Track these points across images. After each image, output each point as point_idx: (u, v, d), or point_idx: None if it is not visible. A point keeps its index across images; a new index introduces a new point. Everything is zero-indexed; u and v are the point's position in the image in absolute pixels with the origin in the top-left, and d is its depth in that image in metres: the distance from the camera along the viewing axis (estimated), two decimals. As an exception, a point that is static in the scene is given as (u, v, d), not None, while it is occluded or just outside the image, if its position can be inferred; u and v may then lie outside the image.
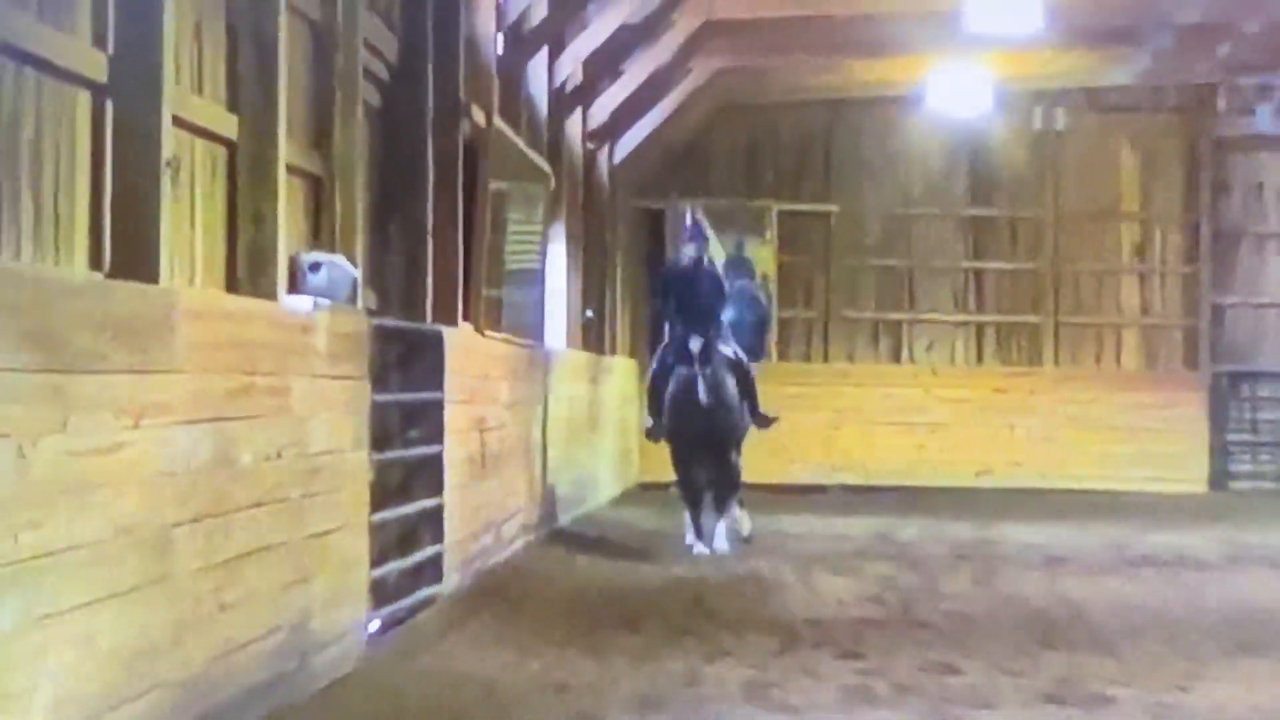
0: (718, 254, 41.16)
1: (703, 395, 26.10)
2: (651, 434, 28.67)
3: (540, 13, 29.32)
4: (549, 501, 27.11)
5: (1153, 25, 37.21)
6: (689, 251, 28.69)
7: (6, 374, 8.75)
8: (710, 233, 41.78)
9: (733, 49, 37.23)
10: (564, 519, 27.71)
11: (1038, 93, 42.16)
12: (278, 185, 17.26)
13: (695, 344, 26.26)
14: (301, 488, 13.95)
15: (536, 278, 31.08)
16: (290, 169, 17.89)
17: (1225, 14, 36.19)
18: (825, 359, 43.11)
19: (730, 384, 27.02)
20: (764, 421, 28.23)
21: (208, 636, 11.62)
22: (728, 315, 28.59)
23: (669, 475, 33.30)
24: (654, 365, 28.66)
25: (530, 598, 20.31)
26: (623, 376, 36.62)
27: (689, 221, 28.59)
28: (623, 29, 32.52)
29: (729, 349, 27.79)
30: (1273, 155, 43.09)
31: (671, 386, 27.04)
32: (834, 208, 43.05)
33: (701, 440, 27.03)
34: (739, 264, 40.55)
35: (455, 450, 19.81)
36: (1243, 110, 43.14)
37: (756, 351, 37.20)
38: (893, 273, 43.29)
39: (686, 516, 27.44)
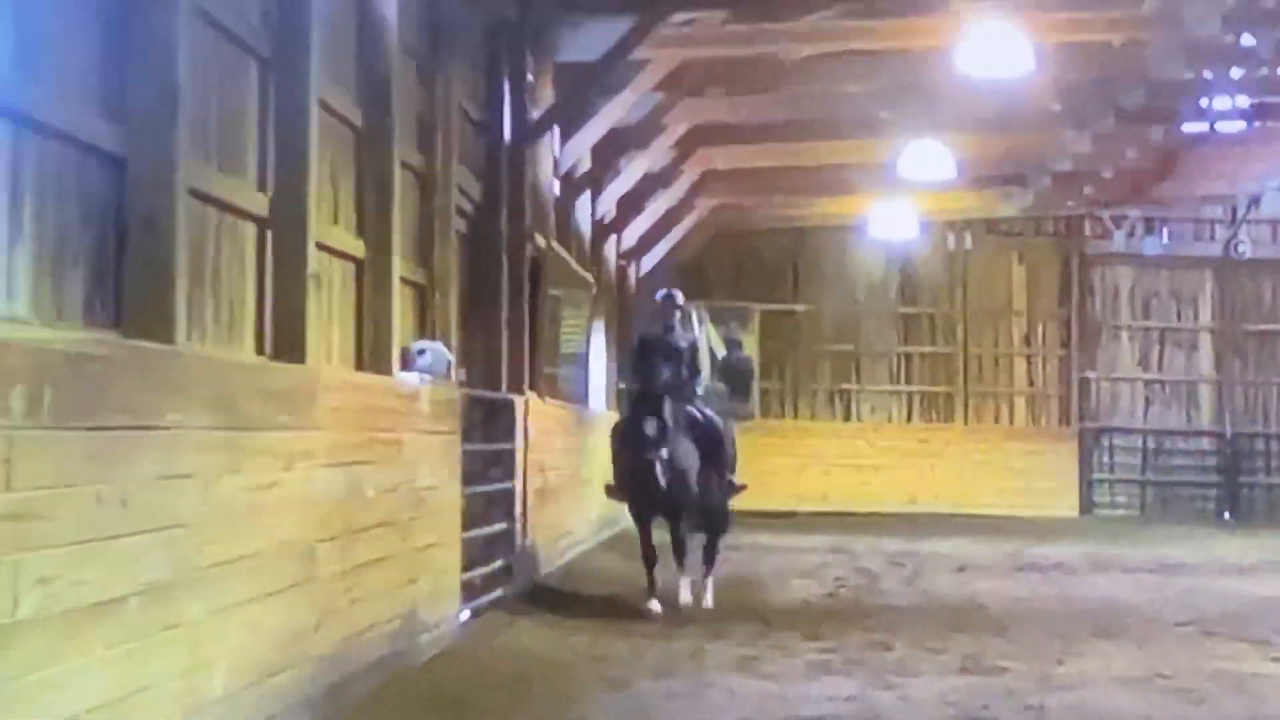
0: (716, 341, 41.31)
1: (660, 479, 19.28)
2: (611, 493, 21.45)
3: (585, 165, 29.35)
4: (592, 522, 27.04)
5: (1035, 172, 37.34)
6: (665, 321, 20.93)
7: (197, 430, 8.81)
8: (708, 323, 42.14)
9: (727, 191, 37.32)
10: (603, 535, 27.60)
11: (950, 222, 42.24)
12: (393, 292, 17.31)
13: (650, 427, 19.21)
14: (410, 513, 13.99)
15: (582, 358, 31.16)
16: (402, 280, 17.95)
17: (1088, 164, 36.29)
18: (795, 418, 43.28)
19: (693, 458, 19.76)
20: (731, 490, 21.02)
21: (341, 623, 11.65)
22: (722, 380, 26.73)
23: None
24: (621, 424, 21.23)
25: (578, 594, 20.35)
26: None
27: (661, 294, 21.56)
28: (646, 177, 32.61)
29: (701, 413, 20.35)
30: (1124, 268, 43.20)
31: (629, 463, 20.00)
32: (801, 307, 43.20)
33: (662, 511, 20.10)
34: (735, 344, 40.58)
35: (524, 486, 19.89)
36: (1102, 234, 43.21)
37: (744, 406, 37.67)
38: (844, 355, 43.45)
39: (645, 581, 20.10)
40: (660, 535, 20.10)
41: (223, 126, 13.29)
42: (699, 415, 20.28)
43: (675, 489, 19.65)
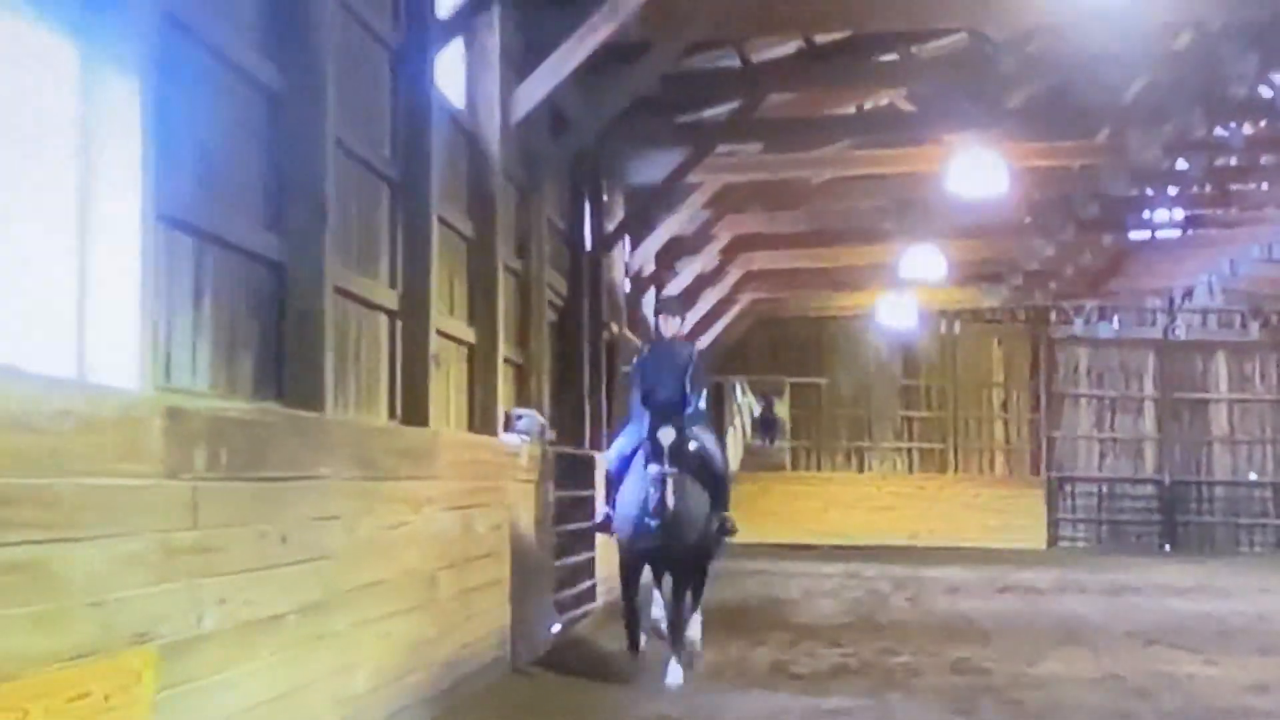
0: (752, 402, 41.66)
1: (670, 500, 13.92)
2: (603, 527, 15.95)
3: (650, 268, 29.39)
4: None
5: (1010, 271, 37.33)
6: (662, 329, 15.82)
7: (342, 480, 8.84)
8: (748, 391, 42.38)
9: (764, 288, 37.27)
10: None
11: (942, 311, 42.10)
12: (498, 369, 17.36)
13: (666, 435, 14.04)
14: (514, 545, 14.01)
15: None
16: (505, 360, 18.00)
17: (1052, 264, 36.24)
18: (819, 470, 43.19)
19: (698, 492, 14.60)
20: (724, 528, 15.27)
21: (458, 635, 11.66)
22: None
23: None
24: (611, 454, 15.70)
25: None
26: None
27: (662, 301, 18.26)
28: (698, 278, 32.55)
29: (698, 443, 14.74)
30: (1082, 348, 43.16)
31: (630, 486, 14.67)
32: (823, 380, 43.09)
33: (659, 555, 14.73)
34: (767, 403, 41.45)
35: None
36: (1064, 321, 43.14)
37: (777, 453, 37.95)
38: (858, 419, 43.32)
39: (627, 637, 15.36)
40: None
41: (362, 237, 13.38)
42: (702, 449, 14.62)
43: (683, 529, 14.05)
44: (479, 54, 17.46)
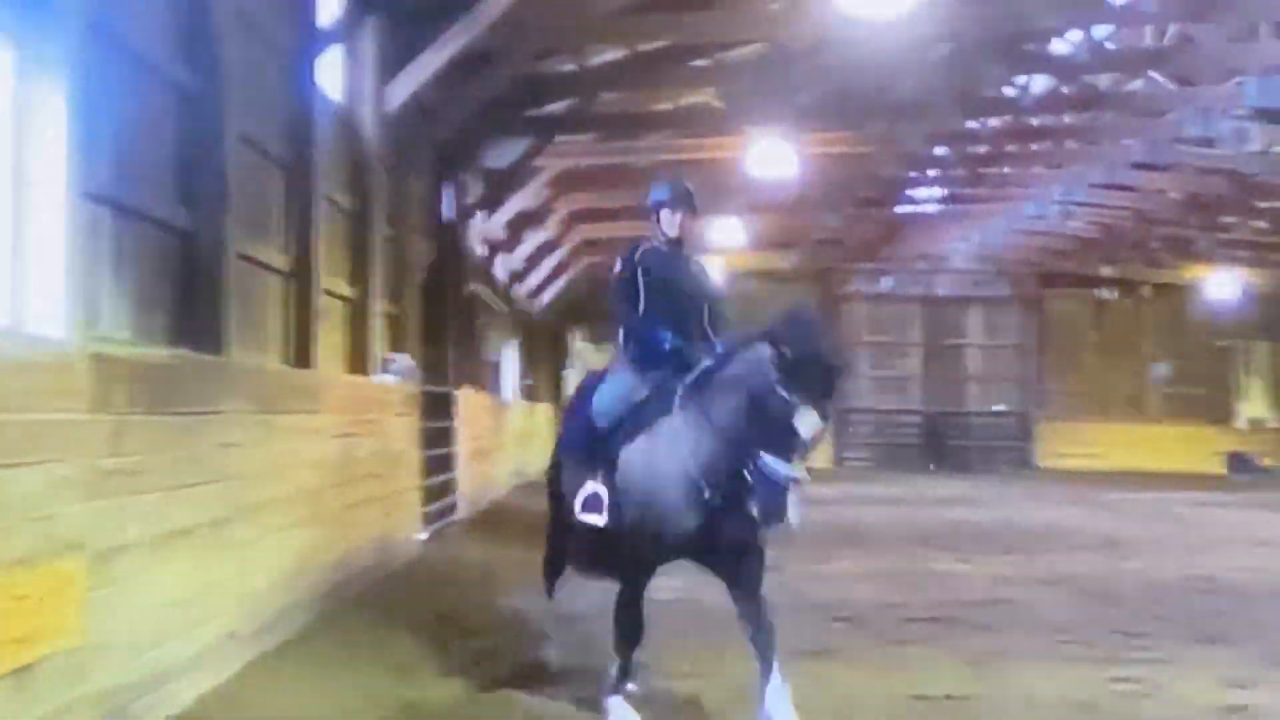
0: (586, 353, 41.26)
1: (794, 515, 7.14)
2: (592, 509, 8.08)
3: (502, 236, 29.27)
4: (509, 474, 26.94)
5: (801, 239, 37.53)
6: (667, 227, 8.85)
7: (243, 414, 8.82)
8: (589, 343, 42.03)
9: (596, 253, 37.15)
10: (519, 481, 27.41)
11: (746, 273, 41.93)
12: (375, 321, 17.35)
13: (810, 425, 6.99)
14: (389, 468, 13.98)
15: (499, 365, 31.21)
16: (381, 313, 17.99)
17: (836, 234, 36.49)
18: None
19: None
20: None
21: (342, 543, 11.63)
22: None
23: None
24: (603, 404, 8.30)
25: (505, 520, 20.13)
26: (543, 412, 36.39)
27: (666, 184, 9.15)
28: (541, 246, 32.61)
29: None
30: (862, 303, 43.65)
31: (660, 459, 7.72)
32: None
33: (701, 546, 7.79)
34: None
35: (462, 449, 19.83)
36: (848, 280, 43.51)
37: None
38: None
39: (614, 666, 8.08)
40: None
41: (259, 211, 13.35)
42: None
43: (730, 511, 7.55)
44: (356, 57, 17.48)
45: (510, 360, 33.57)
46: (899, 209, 38.02)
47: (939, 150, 31.14)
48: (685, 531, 7.69)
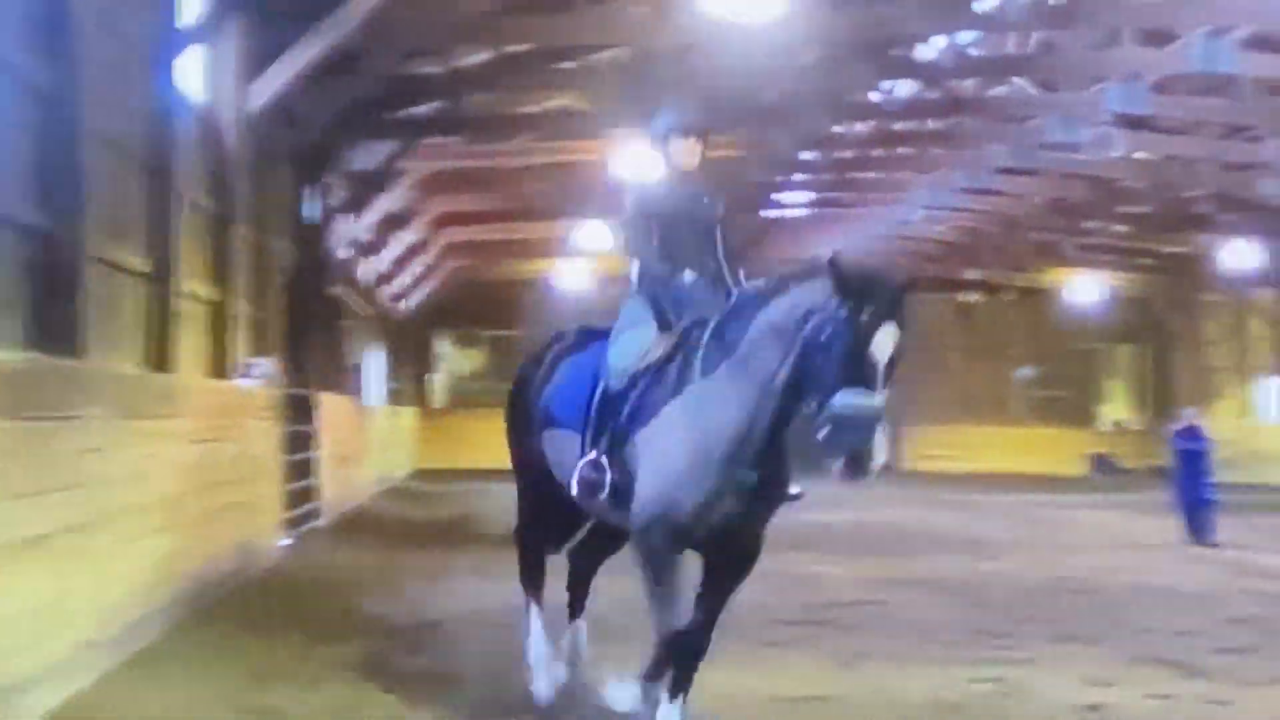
0: (452, 357, 41.15)
1: (880, 453, 6.57)
2: (590, 490, 7.31)
3: (367, 238, 29.15)
4: (375, 478, 26.80)
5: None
6: (677, 157, 8.20)
7: (101, 419, 8.72)
8: (452, 344, 41.85)
9: (464, 256, 37.29)
10: (383, 487, 27.31)
11: (612, 276, 42.26)
12: (238, 325, 17.22)
13: (886, 343, 6.45)
14: (250, 473, 13.88)
15: (362, 368, 31.12)
16: (243, 316, 17.85)
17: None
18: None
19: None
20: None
21: (201, 550, 11.54)
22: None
23: (439, 461, 33.96)
24: (617, 361, 7.85)
25: (368, 526, 20.09)
26: (408, 416, 36.27)
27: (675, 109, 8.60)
28: (409, 248, 32.52)
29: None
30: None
31: (690, 422, 7.01)
32: (517, 332, 43.14)
33: (732, 531, 7.34)
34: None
35: (324, 453, 19.68)
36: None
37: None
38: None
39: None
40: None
41: (118, 213, 13.20)
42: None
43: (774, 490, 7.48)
44: (218, 58, 17.33)
45: (375, 364, 33.48)
46: (767, 213, 38.25)
47: (807, 155, 31.40)
48: (713, 523, 7.03)
